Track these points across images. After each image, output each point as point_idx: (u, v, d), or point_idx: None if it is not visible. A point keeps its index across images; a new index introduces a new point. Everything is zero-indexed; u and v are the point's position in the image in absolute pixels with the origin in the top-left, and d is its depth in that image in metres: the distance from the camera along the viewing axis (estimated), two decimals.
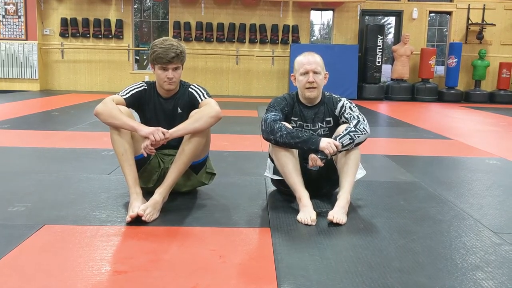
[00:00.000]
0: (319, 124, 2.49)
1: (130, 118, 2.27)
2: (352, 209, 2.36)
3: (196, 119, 2.27)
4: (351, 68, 9.79)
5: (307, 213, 2.19)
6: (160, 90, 2.45)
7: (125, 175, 2.28)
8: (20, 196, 2.49)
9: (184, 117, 2.34)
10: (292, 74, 2.53)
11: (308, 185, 2.32)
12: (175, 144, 2.36)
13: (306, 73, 2.40)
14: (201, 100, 2.39)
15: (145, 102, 2.46)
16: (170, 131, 2.23)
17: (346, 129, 2.31)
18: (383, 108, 8.61)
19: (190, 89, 2.45)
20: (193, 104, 2.40)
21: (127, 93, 2.41)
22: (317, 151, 2.22)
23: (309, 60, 2.41)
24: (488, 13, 10.57)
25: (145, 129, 2.20)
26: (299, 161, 2.35)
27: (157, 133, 2.18)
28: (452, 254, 1.87)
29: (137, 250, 1.83)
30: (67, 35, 10.25)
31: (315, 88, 2.41)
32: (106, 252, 1.81)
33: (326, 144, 2.20)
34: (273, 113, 2.38)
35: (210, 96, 2.42)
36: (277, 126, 2.27)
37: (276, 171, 2.49)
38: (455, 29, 10.73)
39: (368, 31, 10.16)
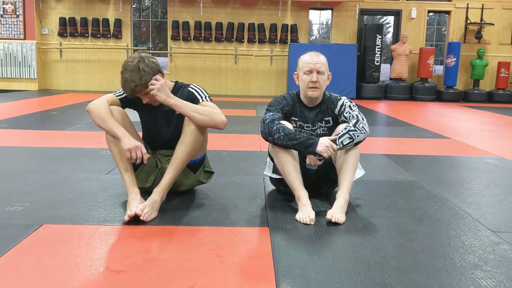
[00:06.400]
0: (319, 123, 2.48)
1: (117, 124, 2.22)
2: (350, 209, 2.36)
3: (201, 112, 2.23)
4: (350, 68, 9.79)
5: (305, 212, 2.19)
6: None
7: (122, 175, 2.28)
8: (18, 195, 2.48)
9: (182, 117, 2.31)
10: (295, 72, 2.51)
11: (307, 185, 2.32)
12: (172, 144, 2.34)
13: (310, 72, 2.39)
14: (202, 100, 2.33)
15: (141, 104, 2.43)
16: (172, 101, 2.19)
17: (345, 128, 2.30)
18: (381, 107, 8.62)
19: (189, 88, 2.39)
20: (193, 102, 2.35)
21: (123, 93, 2.36)
22: (314, 153, 2.22)
23: (314, 60, 2.40)
24: (487, 12, 10.58)
25: (126, 143, 2.16)
26: (299, 160, 2.35)
27: (136, 151, 2.15)
28: (451, 253, 1.87)
29: (135, 250, 1.83)
30: (65, 34, 10.23)
31: (317, 88, 2.40)
32: (104, 252, 1.81)
33: (324, 148, 2.20)
34: (271, 113, 2.37)
35: (211, 100, 2.37)
36: (275, 128, 2.27)
37: (275, 170, 2.48)
38: (453, 29, 10.73)
39: (367, 31, 10.16)
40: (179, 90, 2.40)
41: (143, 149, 2.18)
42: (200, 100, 2.33)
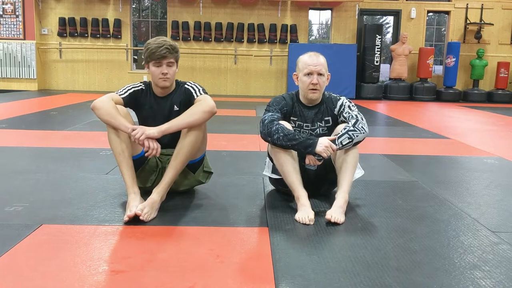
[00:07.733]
0: (318, 123, 2.48)
1: (126, 120, 2.26)
2: (350, 209, 2.36)
3: (190, 113, 2.27)
4: (350, 68, 9.79)
5: (305, 212, 2.19)
6: (156, 90, 2.44)
7: (123, 174, 2.28)
8: (17, 195, 2.48)
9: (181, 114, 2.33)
10: (294, 73, 2.51)
11: (306, 185, 2.32)
12: (172, 143, 2.35)
13: (310, 74, 2.39)
14: (197, 95, 2.39)
15: (141, 102, 2.45)
16: (164, 127, 2.23)
17: (344, 128, 2.30)
18: (381, 107, 8.62)
19: (186, 86, 2.45)
20: (190, 100, 2.38)
21: (125, 92, 2.40)
22: (313, 153, 2.22)
23: (314, 61, 2.39)
24: (486, 12, 10.59)
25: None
26: (298, 160, 2.35)
27: (152, 142, 2.20)
28: (450, 253, 1.87)
29: (134, 250, 1.83)
30: (65, 34, 10.23)
31: (318, 89, 2.41)
32: (104, 252, 1.81)
33: (323, 148, 2.21)
34: (271, 113, 2.37)
35: (206, 93, 2.42)
36: (274, 128, 2.27)
37: (275, 170, 2.49)
38: (453, 29, 10.74)
39: (366, 31, 10.17)
40: (179, 87, 2.47)
41: (157, 143, 2.21)
42: (195, 95, 2.39)
